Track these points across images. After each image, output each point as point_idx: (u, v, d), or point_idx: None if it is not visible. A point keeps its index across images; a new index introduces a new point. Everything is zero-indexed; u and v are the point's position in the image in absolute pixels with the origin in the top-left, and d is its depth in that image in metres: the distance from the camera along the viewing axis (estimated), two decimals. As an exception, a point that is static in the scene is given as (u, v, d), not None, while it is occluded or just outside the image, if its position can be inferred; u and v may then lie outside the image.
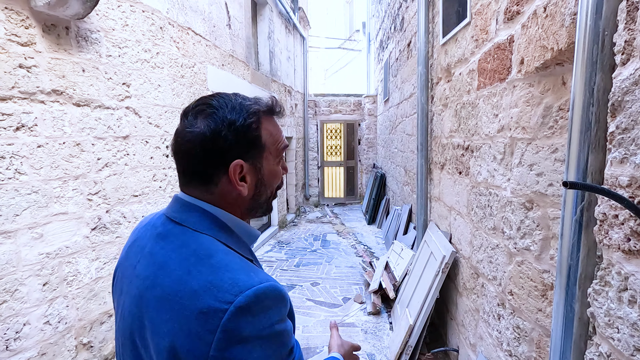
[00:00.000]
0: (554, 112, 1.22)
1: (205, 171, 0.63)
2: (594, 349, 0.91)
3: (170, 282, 0.56)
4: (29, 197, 1.91)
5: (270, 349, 0.55)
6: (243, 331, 0.52)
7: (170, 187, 3.04)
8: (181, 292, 0.54)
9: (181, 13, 3.15)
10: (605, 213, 0.86)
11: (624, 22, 0.80)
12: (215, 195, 0.64)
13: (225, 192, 0.64)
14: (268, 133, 0.67)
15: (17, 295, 1.86)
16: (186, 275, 0.56)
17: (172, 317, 0.54)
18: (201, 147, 0.61)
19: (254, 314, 0.53)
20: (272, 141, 0.67)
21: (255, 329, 0.53)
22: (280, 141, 0.69)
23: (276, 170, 0.69)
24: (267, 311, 0.55)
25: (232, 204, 0.66)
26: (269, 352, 0.54)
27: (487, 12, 1.76)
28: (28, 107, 1.89)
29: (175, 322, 0.53)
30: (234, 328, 0.51)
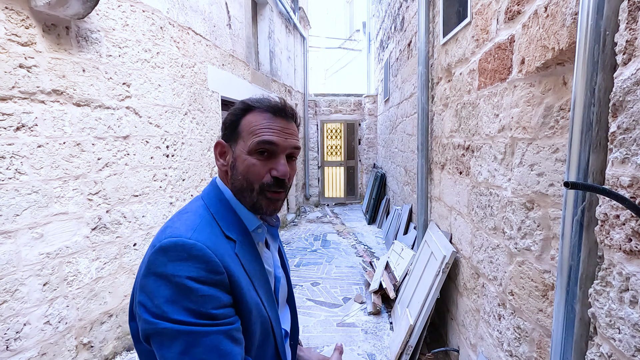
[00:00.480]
0: (555, 112, 1.21)
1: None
2: (595, 349, 0.91)
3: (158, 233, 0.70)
4: (29, 197, 1.91)
5: (177, 295, 0.60)
6: (158, 267, 0.62)
7: (171, 187, 3.04)
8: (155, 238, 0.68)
9: (181, 13, 3.15)
10: (606, 213, 0.86)
11: (626, 22, 0.80)
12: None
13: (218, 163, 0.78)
14: (247, 122, 0.74)
15: (17, 295, 1.87)
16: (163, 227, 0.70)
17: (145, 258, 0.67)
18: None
19: (169, 258, 0.62)
20: (247, 130, 0.73)
21: (166, 270, 0.61)
22: (255, 133, 0.72)
23: (245, 159, 0.73)
24: (180, 261, 0.62)
25: (222, 177, 0.78)
26: (175, 298, 0.60)
27: (487, 12, 1.75)
28: (28, 107, 1.89)
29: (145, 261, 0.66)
30: (153, 261, 0.63)
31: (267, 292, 0.75)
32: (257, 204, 0.74)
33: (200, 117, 3.48)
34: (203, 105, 3.54)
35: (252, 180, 0.73)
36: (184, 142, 3.21)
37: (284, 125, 0.74)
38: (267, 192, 0.73)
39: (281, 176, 0.72)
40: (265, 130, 0.72)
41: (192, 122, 3.34)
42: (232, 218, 0.74)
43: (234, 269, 0.67)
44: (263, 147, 0.72)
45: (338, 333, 2.84)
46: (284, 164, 0.73)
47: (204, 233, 0.67)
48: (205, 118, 3.58)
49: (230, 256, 0.68)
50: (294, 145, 0.75)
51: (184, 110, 3.20)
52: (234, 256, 0.69)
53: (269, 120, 0.73)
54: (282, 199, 0.76)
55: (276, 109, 0.74)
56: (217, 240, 0.68)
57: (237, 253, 0.70)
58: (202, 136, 3.53)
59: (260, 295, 0.72)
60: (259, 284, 0.73)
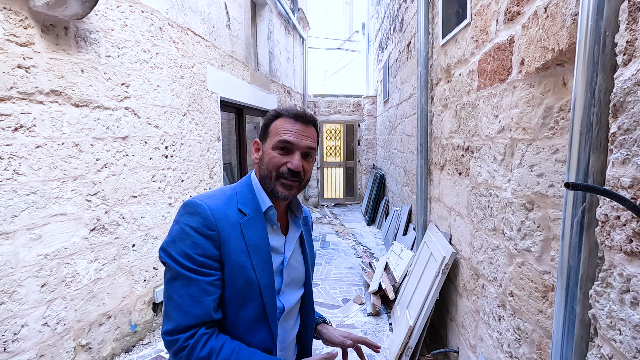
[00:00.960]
0: (555, 112, 1.21)
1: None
2: (595, 350, 0.91)
3: None
4: (27, 198, 1.90)
5: (179, 237, 0.84)
6: (177, 215, 0.89)
7: (170, 187, 3.03)
8: None
9: (180, 13, 3.15)
10: (606, 214, 0.86)
11: (626, 23, 0.80)
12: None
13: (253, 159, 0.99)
14: (274, 125, 0.93)
15: (15, 296, 1.86)
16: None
17: None
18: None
19: (184, 210, 0.87)
20: (274, 132, 0.93)
21: (180, 218, 0.87)
22: (278, 133, 0.92)
23: (269, 153, 0.92)
24: (189, 214, 0.86)
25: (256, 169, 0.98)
26: (175, 237, 0.85)
27: (487, 13, 1.75)
28: (27, 107, 1.89)
29: None
30: (178, 212, 0.89)
31: (264, 262, 0.89)
32: (274, 189, 0.92)
33: (199, 118, 3.48)
34: (202, 106, 3.53)
35: (272, 169, 0.91)
36: (183, 143, 3.21)
37: (302, 128, 0.92)
38: (282, 179, 0.91)
39: (294, 168, 0.90)
40: (285, 132, 0.91)
41: (191, 123, 3.33)
42: (250, 198, 0.93)
43: (227, 232, 0.86)
44: (283, 144, 0.91)
45: (337, 334, 2.83)
46: (297, 159, 0.91)
47: (215, 201, 0.89)
48: (204, 119, 3.58)
49: (231, 223, 0.87)
50: (308, 146, 0.92)
51: (183, 111, 3.19)
52: (237, 225, 0.88)
53: (290, 124, 0.92)
54: (295, 187, 0.93)
55: (297, 115, 0.93)
56: (226, 210, 0.88)
57: (241, 223, 0.88)
58: (201, 137, 3.53)
59: (252, 261, 0.87)
60: (256, 252, 0.88)
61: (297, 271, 1.01)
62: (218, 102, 3.87)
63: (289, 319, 0.99)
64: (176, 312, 0.81)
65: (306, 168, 0.93)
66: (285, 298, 0.96)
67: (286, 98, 6.74)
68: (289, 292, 0.98)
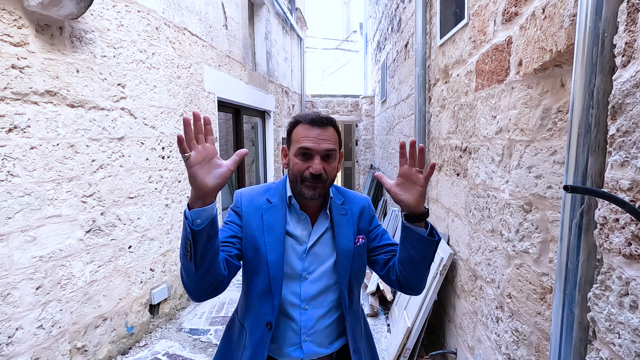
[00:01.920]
0: (553, 114, 1.21)
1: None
2: (594, 354, 0.90)
3: None
4: (21, 200, 1.88)
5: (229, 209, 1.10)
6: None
7: (166, 188, 3.01)
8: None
9: (177, 13, 3.13)
10: (605, 217, 0.85)
11: (625, 24, 0.79)
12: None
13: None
14: (295, 133, 1.03)
15: (9, 299, 1.84)
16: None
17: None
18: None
19: (235, 196, 1.11)
20: (295, 139, 1.03)
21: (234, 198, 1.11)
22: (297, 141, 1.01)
23: (292, 160, 1.03)
24: (234, 200, 1.10)
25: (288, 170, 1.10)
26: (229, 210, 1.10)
27: (485, 14, 1.75)
28: (21, 108, 1.87)
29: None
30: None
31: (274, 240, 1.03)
32: (301, 191, 1.02)
33: (196, 118, 3.46)
34: (199, 106, 3.52)
35: (296, 174, 1.01)
36: (179, 144, 3.19)
37: (319, 133, 1.00)
38: (306, 183, 1.00)
39: (315, 172, 0.98)
40: (304, 139, 1.00)
41: (188, 123, 3.31)
42: (279, 191, 1.09)
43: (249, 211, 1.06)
44: (302, 151, 1.00)
45: (335, 335, 2.82)
46: (317, 164, 0.99)
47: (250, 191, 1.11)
48: (201, 119, 3.56)
49: (255, 206, 1.06)
50: (326, 149, 1.00)
51: (179, 111, 3.18)
52: (260, 209, 1.06)
53: (308, 130, 1.00)
54: (319, 187, 1.01)
55: (313, 120, 1.01)
56: (255, 197, 1.09)
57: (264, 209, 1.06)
58: (199, 137, 3.51)
59: (265, 238, 1.03)
60: (269, 232, 1.03)
61: (323, 261, 1.07)
62: (215, 102, 3.86)
63: (316, 307, 1.05)
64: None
65: (327, 169, 1.01)
66: (307, 285, 1.05)
67: (284, 98, 6.72)
68: (313, 280, 1.05)
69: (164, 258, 3.01)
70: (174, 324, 3.04)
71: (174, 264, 3.15)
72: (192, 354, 2.59)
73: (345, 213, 1.12)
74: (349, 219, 1.13)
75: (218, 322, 3.05)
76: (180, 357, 2.55)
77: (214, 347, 2.69)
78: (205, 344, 2.74)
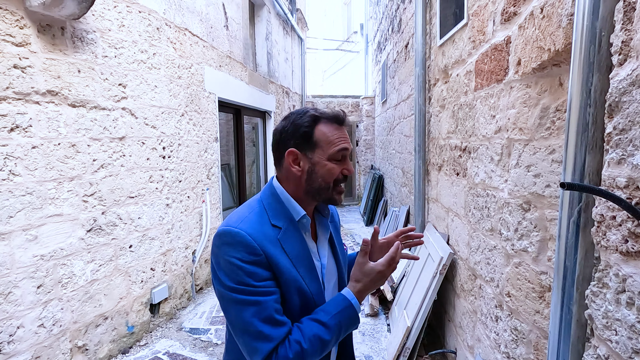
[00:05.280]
0: (551, 113, 1.21)
1: (276, 154, 0.92)
2: (591, 351, 0.91)
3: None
4: (23, 199, 1.89)
5: (228, 269, 0.79)
6: (215, 247, 0.83)
7: (167, 188, 3.02)
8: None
9: (178, 14, 3.14)
10: (602, 214, 0.85)
11: (621, 23, 0.80)
12: (282, 172, 0.92)
13: (287, 170, 0.90)
14: (321, 133, 0.88)
15: (10, 297, 1.85)
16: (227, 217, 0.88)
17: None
18: (276, 136, 0.91)
19: (222, 241, 0.82)
20: (325, 141, 0.88)
21: (220, 251, 0.81)
22: (334, 143, 0.88)
23: (326, 165, 0.88)
24: (228, 245, 0.80)
25: (291, 180, 0.91)
26: (227, 271, 0.79)
27: (484, 14, 1.76)
28: (23, 107, 1.88)
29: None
30: (214, 242, 0.83)
31: (309, 270, 0.88)
32: (332, 197, 0.91)
33: (197, 119, 3.47)
34: (200, 107, 3.53)
35: (330, 180, 0.89)
36: (180, 144, 3.20)
37: (346, 132, 0.93)
38: (338, 187, 0.91)
39: (350, 173, 0.92)
40: (340, 140, 0.90)
41: (188, 124, 3.33)
42: (280, 209, 0.89)
43: (272, 251, 0.82)
44: (342, 153, 0.90)
45: (335, 335, 2.82)
46: (351, 164, 0.94)
47: (249, 223, 0.83)
48: (202, 119, 3.57)
49: (271, 241, 0.83)
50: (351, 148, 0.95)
51: (180, 112, 3.19)
52: (276, 241, 0.84)
53: (339, 130, 0.90)
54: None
55: (340, 119, 0.91)
56: (261, 228, 0.84)
57: (279, 239, 0.85)
58: (199, 137, 3.52)
59: (300, 273, 0.85)
60: (300, 264, 0.86)
61: (333, 275, 0.99)
62: (216, 102, 3.87)
63: None
64: (260, 342, 0.76)
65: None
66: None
67: (284, 99, 6.74)
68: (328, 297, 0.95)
69: (165, 257, 3.02)
70: (174, 323, 3.05)
71: (174, 264, 3.16)
72: (193, 353, 2.60)
73: (332, 220, 1.05)
74: (336, 225, 1.07)
75: (218, 322, 3.05)
76: (181, 356, 2.55)
77: (214, 347, 2.70)
78: (206, 343, 2.75)
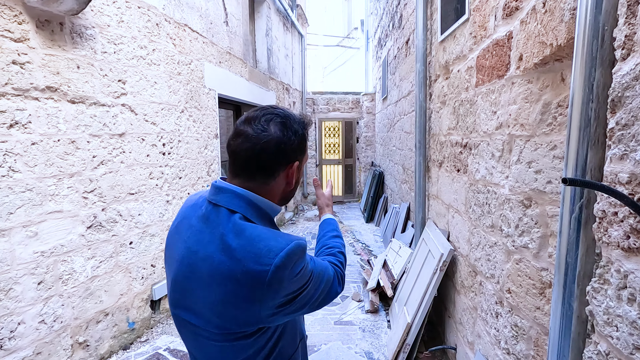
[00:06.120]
0: (553, 108, 1.21)
1: (272, 166, 0.79)
2: (592, 347, 0.91)
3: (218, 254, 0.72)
4: (23, 195, 1.89)
5: (300, 282, 0.75)
6: (283, 281, 0.71)
7: (167, 185, 3.02)
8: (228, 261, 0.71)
9: (178, 9, 3.12)
10: (604, 210, 0.85)
11: (625, 17, 0.79)
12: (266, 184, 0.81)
13: (278, 184, 0.83)
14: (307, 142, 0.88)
15: (11, 294, 1.85)
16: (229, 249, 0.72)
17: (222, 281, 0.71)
18: (276, 147, 0.77)
19: (289, 268, 0.72)
20: (307, 147, 0.88)
21: (291, 275, 0.72)
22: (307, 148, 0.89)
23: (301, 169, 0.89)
24: (297, 262, 0.74)
25: (277, 194, 0.84)
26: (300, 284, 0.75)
27: (485, 8, 1.74)
28: (22, 103, 1.87)
29: (225, 285, 0.71)
30: (275, 281, 0.70)
31: None
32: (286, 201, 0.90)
33: (197, 115, 3.46)
34: (200, 103, 3.52)
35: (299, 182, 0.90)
36: (180, 140, 3.19)
37: None
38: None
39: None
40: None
41: (188, 120, 3.32)
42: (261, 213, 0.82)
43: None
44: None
45: (335, 331, 2.83)
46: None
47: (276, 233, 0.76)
48: (202, 116, 3.56)
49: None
50: None
51: (180, 108, 3.18)
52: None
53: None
54: None
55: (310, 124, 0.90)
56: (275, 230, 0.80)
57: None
58: (199, 134, 3.51)
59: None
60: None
61: None
62: (216, 99, 3.85)
63: None
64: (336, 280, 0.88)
65: None
66: None
67: (284, 95, 6.72)
68: None
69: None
70: (175, 319, 3.05)
71: (175, 260, 3.16)
72: (193, 349, 2.60)
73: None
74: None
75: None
76: (182, 352, 2.56)
77: (214, 343, 2.70)
78: (206, 339, 2.75)
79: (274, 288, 0.70)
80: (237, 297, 0.70)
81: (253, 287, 0.70)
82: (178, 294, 0.78)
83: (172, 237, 0.86)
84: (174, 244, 0.83)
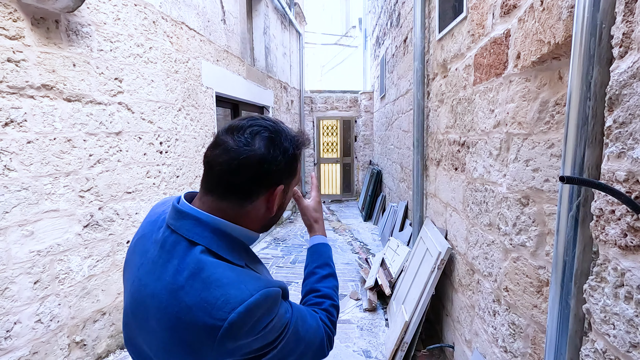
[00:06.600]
0: (551, 107, 1.20)
1: (250, 188, 0.66)
2: (589, 345, 0.91)
3: (166, 294, 0.60)
4: (18, 194, 1.88)
5: (267, 338, 0.61)
6: (239, 340, 0.57)
7: (165, 183, 3.01)
8: (176, 306, 0.58)
9: (175, 7, 3.10)
10: (601, 208, 0.85)
11: (622, 14, 0.79)
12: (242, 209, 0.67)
13: (256, 209, 0.69)
14: (299, 163, 0.74)
15: (7, 293, 1.84)
16: (180, 290, 0.59)
17: (167, 326, 0.59)
18: (258, 166, 0.64)
19: (248, 325, 0.58)
20: (297, 169, 0.74)
21: (252, 332, 0.58)
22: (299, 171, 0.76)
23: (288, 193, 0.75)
24: (260, 319, 0.59)
25: (254, 220, 0.70)
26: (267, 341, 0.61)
27: (483, 6, 1.74)
28: (17, 102, 1.86)
29: (170, 331, 0.59)
30: (228, 340, 0.56)
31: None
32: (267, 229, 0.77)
33: (194, 114, 3.45)
34: (197, 102, 3.50)
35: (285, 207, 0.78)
36: (177, 139, 3.18)
37: None
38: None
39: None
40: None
41: (186, 119, 3.30)
42: (232, 243, 0.67)
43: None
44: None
45: (333, 330, 2.83)
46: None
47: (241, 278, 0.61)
48: (199, 114, 3.55)
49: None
50: None
51: (177, 106, 3.16)
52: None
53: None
54: None
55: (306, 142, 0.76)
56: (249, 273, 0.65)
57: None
58: (197, 132, 3.50)
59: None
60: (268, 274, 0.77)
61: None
62: (213, 97, 3.84)
63: None
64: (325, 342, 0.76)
65: None
66: None
67: (282, 94, 6.70)
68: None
69: (163, 253, 3.01)
70: (172, 318, 3.05)
71: (173, 259, 3.15)
72: (191, 348, 2.60)
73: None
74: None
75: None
76: (179, 351, 2.56)
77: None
78: (204, 338, 2.75)
79: (226, 348, 0.57)
80: (181, 351, 0.58)
81: (200, 342, 0.56)
82: (128, 330, 0.68)
83: (129, 256, 0.74)
84: (128, 266, 0.73)
